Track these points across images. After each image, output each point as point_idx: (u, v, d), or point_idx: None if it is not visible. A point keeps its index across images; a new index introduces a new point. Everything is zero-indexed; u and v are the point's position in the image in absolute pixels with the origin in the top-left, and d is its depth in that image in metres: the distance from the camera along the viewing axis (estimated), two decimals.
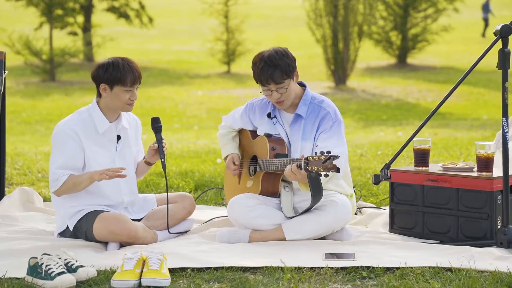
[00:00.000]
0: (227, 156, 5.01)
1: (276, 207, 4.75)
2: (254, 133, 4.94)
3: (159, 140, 4.70)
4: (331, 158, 4.25)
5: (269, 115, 4.80)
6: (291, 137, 4.76)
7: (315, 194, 4.48)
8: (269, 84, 4.63)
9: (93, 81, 4.65)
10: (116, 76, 4.54)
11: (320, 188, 4.46)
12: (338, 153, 4.55)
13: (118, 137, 4.71)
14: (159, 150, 4.70)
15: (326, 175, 4.29)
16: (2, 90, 5.36)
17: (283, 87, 4.64)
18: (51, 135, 4.66)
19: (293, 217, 4.64)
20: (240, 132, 5.07)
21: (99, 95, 4.66)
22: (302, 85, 4.81)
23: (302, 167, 4.36)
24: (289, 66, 4.62)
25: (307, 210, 4.61)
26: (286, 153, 4.74)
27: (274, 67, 4.60)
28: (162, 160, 4.69)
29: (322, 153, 4.29)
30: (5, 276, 3.94)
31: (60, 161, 4.57)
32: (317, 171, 4.29)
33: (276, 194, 4.79)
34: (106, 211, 4.61)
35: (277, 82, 4.62)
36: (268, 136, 4.79)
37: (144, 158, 4.84)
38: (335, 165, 4.26)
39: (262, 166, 4.79)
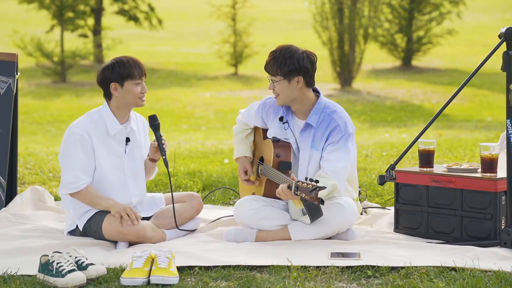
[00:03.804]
0: (238, 158, 5.01)
1: (283, 208, 4.75)
2: (266, 132, 4.92)
3: (159, 138, 4.77)
4: (317, 189, 4.19)
5: (281, 119, 4.79)
6: (300, 144, 4.73)
7: (313, 214, 4.47)
8: (266, 71, 4.71)
9: (101, 84, 4.71)
10: (125, 71, 4.64)
11: (318, 209, 4.44)
12: (341, 168, 4.56)
13: (127, 140, 4.76)
14: (159, 147, 4.77)
15: (312, 204, 4.29)
16: (15, 91, 5.42)
17: (274, 81, 4.66)
18: (63, 136, 4.69)
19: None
20: (255, 128, 5.06)
21: (109, 97, 4.71)
22: (316, 91, 4.77)
23: (292, 190, 4.33)
24: (286, 66, 4.59)
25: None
26: (290, 161, 4.70)
27: (273, 58, 4.65)
28: (164, 157, 4.76)
29: (311, 180, 4.24)
30: (18, 273, 4.01)
31: (78, 164, 4.61)
32: (304, 198, 4.26)
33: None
34: None
35: (270, 73, 4.67)
36: (275, 141, 4.76)
37: (148, 155, 4.89)
38: (319, 198, 4.21)
39: (265, 172, 4.81)
